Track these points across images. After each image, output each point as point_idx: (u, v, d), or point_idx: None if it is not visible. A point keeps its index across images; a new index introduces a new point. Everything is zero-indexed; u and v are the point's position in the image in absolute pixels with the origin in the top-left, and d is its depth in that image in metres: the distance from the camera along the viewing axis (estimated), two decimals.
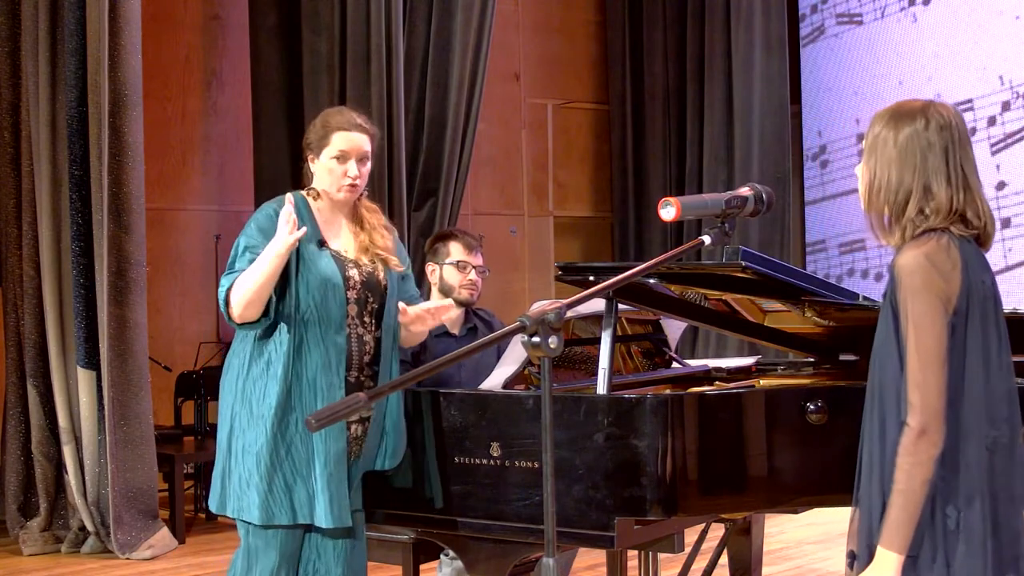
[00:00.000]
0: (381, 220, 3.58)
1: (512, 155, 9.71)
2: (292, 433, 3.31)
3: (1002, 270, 8.25)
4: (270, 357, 3.33)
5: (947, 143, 2.42)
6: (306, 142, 3.50)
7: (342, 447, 3.34)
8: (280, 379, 3.30)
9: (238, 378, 3.38)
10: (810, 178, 9.56)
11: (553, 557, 2.17)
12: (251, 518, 3.33)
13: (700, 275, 3.39)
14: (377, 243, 3.49)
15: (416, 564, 4.00)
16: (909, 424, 2.32)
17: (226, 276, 3.34)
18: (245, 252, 3.33)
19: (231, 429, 3.37)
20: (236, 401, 3.37)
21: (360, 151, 3.44)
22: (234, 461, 3.36)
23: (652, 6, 9.77)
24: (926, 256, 2.35)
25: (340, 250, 3.45)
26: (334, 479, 3.31)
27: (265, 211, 3.40)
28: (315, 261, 3.35)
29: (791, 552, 6.10)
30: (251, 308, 3.27)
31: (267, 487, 3.30)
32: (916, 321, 2.33)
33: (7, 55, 6.46)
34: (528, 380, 3.65)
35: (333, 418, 2.05)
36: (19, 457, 6.49)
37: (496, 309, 4.95)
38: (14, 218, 6.48)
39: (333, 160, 3.42)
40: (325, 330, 3.33)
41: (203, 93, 8.18)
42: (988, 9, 8.41)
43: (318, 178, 3.47)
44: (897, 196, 2.42)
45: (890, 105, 2.51)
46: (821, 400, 3.23)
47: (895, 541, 2.33)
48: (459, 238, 4.42)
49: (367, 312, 3.44)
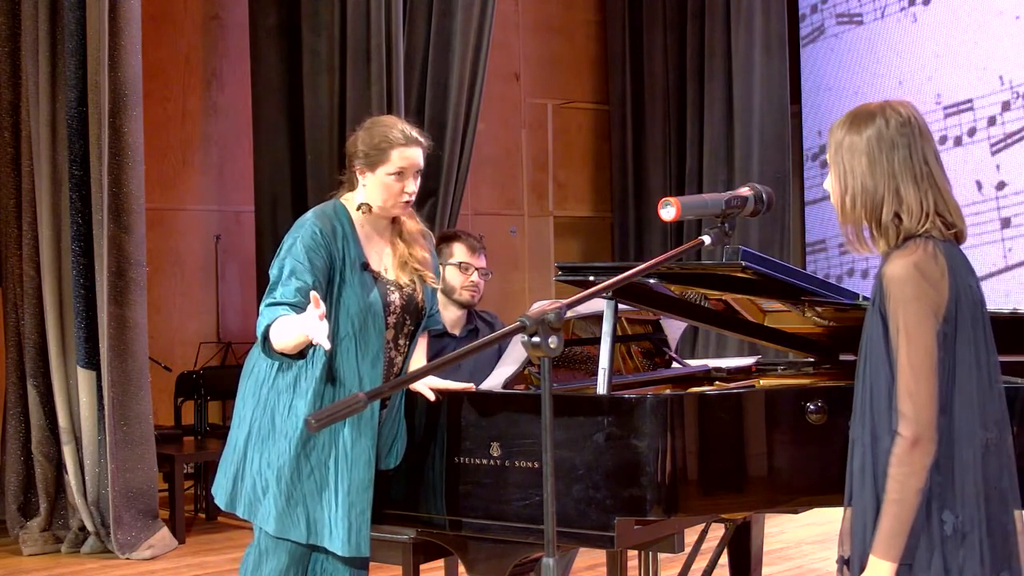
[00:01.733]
0: (419, 227, 3.50)
1: (512, 155, 9.72)
2: (316, 455, 3.26)
3: (1002, 270, 8.25)
4: (300, 373, 3.26)
5: (909, 140, 2.41)
6: (356, 152, 3.36)
7: (369, 477, 3.29)
8: (310, 400, 3.24)
9: (262, 385, 3.32)
10: (810, 178, 9.56)
11: (553, 557, 2.17)
12: (267, 527, 3.31)
13: (700, 275, 3.38)
14: (416, 256, 3.42)
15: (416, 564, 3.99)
16: (902, 434, 2.33)
17: (269, 307, 3.16)
18: (291, 278, 3.19)
19: (249, 433, 3.33)
20: (257, 407, 3.32)
21: (417, 166, 3.36)
22: (249, 465, 3.32)
23: (652, 6, 9.77)
24: (915, 266, 2.35)
25: (381, 270, 3.37)
26: (355, 508, 3.27)
27: (309, 229, 3.26)
28: (358, 286, 3.27)
29: (791, 552, 6.10)
30: (289, 353, 3.12)
31: (285, 502, 3.27)
32: (907, 331, 2.33)
33: (7, 55, 6.46)
34: (528, 380, 3.65)
35: (333, 418, 2.05)
36: (19, 457, 6.49)
37: (496, 309, 4.95)
38: (14, 218, 6.48)
39: (391, 177, 3.31)
40: (362, 356, 3.28)
41: (203, 93, 8.18)
42: (988, 9, 8.41)
43: (371, 192, 3.34)
44: (873, 202, 2.41)
45: (846, 113, 2.50)
46: (821, 400, 3.23)
47: (889, 551, 2.33)
48: (463, 239, 4.42)
49: (403, 335, 3.42)
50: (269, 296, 3.21)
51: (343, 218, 3.33)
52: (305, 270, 3.19)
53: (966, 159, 8.37)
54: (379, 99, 7.35)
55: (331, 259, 3.25)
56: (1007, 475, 2.43)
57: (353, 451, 3.27)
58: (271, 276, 3.26)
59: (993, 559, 2.38)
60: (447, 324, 4.42)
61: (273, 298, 3.18)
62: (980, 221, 8.25)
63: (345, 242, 3.29)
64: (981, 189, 8.34)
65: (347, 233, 3.31)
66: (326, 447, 3.27)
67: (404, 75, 7.61)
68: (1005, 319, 3.45)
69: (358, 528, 3.28)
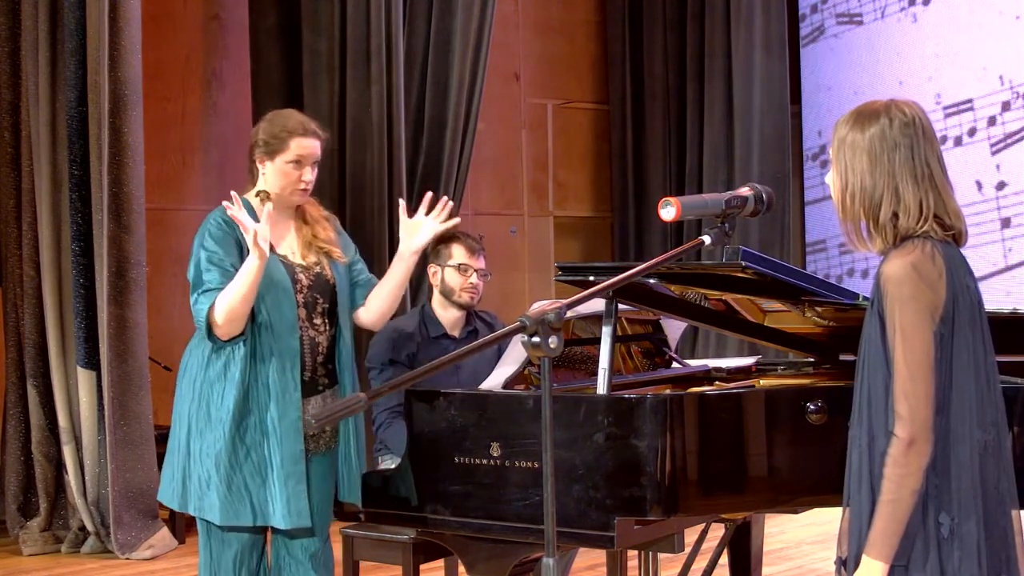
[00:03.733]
0: (321, 211, 3.66)
1: (512, 155, 9.71)
2: (250, 436, 3.39)
3: (1002, 270, 8.25)
4: (227, 360, 3.41)
5: (912, 140, 2.41)
6: (257, 142, 3.52)
7: (299, 448, 3.42)
8: (237, 383, 3.38)
9: (195, 379, 3.46)
10: (810, 178, 9.56)
11: (553, 557, 2.18)
12: (212, 518, 3.40)
13: (700, 275, 3.39)
14: (320, 236, 3.57)
15: (416, 564, 4.00)
16: (897, 435, 2.32)
17: (202, 294, 3.37)
18: (211, 267, 3.38)
19: (189, 430, 3.44)
20: (193, 402, 3.45)
21: (314, 156, 3.52)
22: (193, 462, 3.42)
23: (652, 6, 9.77)
24: (913, 266, 2.34)
25: (287, 254, 3.52)
26: (292, 478, 3.39)
27: (214, 220, 3.46)
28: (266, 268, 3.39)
29: (791, 552, 6.10)
30: (237, 323, 3.35)
31: (227, 489, 3.38)
32: (904, 331, 2.33)
33: (7, 55, 6.46)
34: (528, 380, 3.65)
35: (332, 418, 2.06)
36: (19, 457, 6.49)
37: (496, 309, 4.95)
38: (14, 218, 6.48)
39: (289, 165, 3.48)
40: (278, 334, 3.40)
41: (203, 93, 8.18)
42: (988, 9, 8.41)
43: (270, 180, 3.51)
44: (872, 201, 2.41)
45: (851, 109, 2.50)
46: (821, 400, 3.23)
47: (882, 551, 2.33)
48: (462, 241, 4.42)
49: (316, 314, 3.52)
50: (196, 289, 3.39)
51: (247, 209, 3.46)
52: (221, 257, 3.38)
53: (966, 159, 8.37)
54: (379, 99, 7.35)
55: (240, 245, 3.40)
56: (1005, 476, 2.43)
57: (281, 425, 3.39)
58: (190, 275, 3.44)
59: (991, 561, 2.37)
60: (447, 325, 4.42)
61: (202, 288, 3.37)
62: (980, 221, 8.25)
63: None
64: (981, 189, 8.34)
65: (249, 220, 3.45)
66: (257, 427, 3.40)
67: (404, 75, 7.61)
68: (1005, 319, 3.45)
69: (296, 498, 3.39)
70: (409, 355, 4.32)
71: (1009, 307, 3.79)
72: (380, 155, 7.31)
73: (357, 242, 3.84)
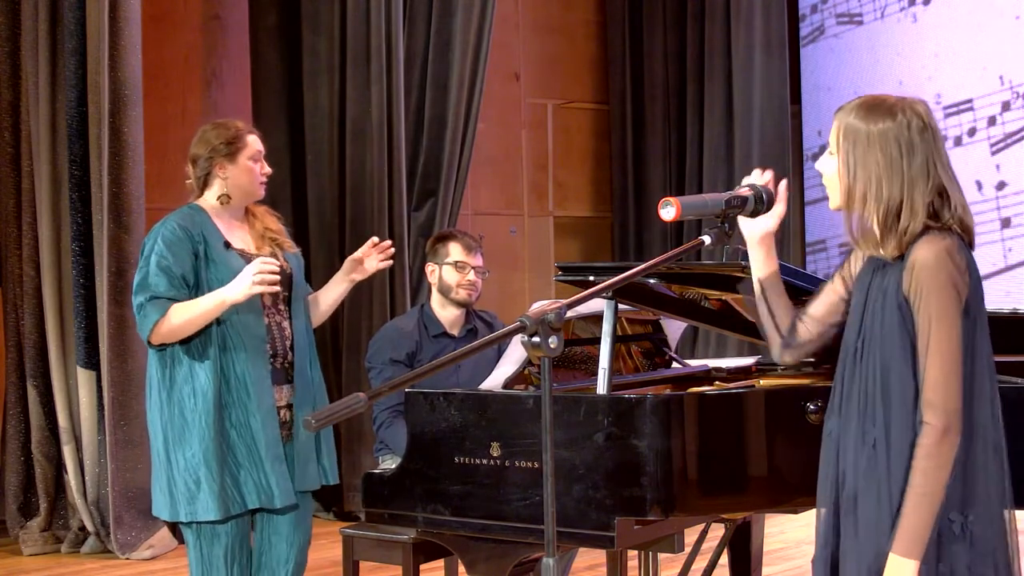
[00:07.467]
0: (267, 208, 3.79)
1: (512, 155, 9.71)
2: (229, 427, 3.45)
3: (1002, 270, 8.25)
4: (193, 360, 3.44)
5: (930, 147, 2.36)
6: (211, 150, 3.61)
7: (277, 433, 3.50)
8: (211, 378, 3.42)
9: (161, 389, 3.47)
10: (810, 178, 9.56)
11: (553, 557, 2.17)
12: (208, 516, 3.43)
13: (700, 275, 3.39)
14: (271, 227, 3.70)
15: (416, 564, 4.00)
16: (930, 423, 2.26)
17: (149, 302, 3.39)
18: (160, 273, 3.41)
19: (165, 438, 3.46)
20: (163, 411, 3.46)
21: (263, 151, 3.69)
22: (175, 470, 3.45)
23: (652, 6, 9.77)
24: (948, 253, 2.30)
25: (244, 247, 3.60)
26: (279, 460, 3.49)
27: (170, 226, 3.50)
28: (225, 261, 3.49)
29: (791, 552, 6.10)
30: (178, 338, 3.41)
31: (219, 484, 3.41)
32: (939, 317, 2.27)
33: (7, 55, 6.46)
34: (528, 380, 3.65)
35: (332, 418, 2.06)
36: (19, 457, 6.49)
37: (496, 309, 4.95)
38: (14, 218, 6.48)
39: (250, 161, 3.61)
40: (245, 324, 3.47)
41: (203, 93, 8.18)
42: (988, 9, 8.41)
43: (235, 180, 3.60)
44: (887, 206, 2.35)
45: (856, 99, 2.44)
46: (821, 400, 3.22)
47: (913, 548, 2.25)
48: (458, 239, 4.42)
49: (280, 300, 3.61)
50: (142, 293, 3.41)
51: (200, 213, 3.57)
52: (170, 264, 3.42)
53: (966, 159, 8.37)
54: (379, 99, 7.35)
55: (194, 248, 3.47)
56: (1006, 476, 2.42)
57: (261, 411, 3.46)
58: (137, 277, 3.46)
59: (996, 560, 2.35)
60: (446, 324, 4.42)
61: (148, 293, 3.40)
62: (980, 221, 8.25)
63: (205, 230, 3.51)
64: (981, 189, 8.34)
65: (205, 222, 3.54)
66: (237, 416, 3.46)
67: (404, 75, 7.60)
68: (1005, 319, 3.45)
69: (284, 478, 3.49)
70: (409, 354, 4.32)
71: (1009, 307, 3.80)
72: (380, 155, 7.31)
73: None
